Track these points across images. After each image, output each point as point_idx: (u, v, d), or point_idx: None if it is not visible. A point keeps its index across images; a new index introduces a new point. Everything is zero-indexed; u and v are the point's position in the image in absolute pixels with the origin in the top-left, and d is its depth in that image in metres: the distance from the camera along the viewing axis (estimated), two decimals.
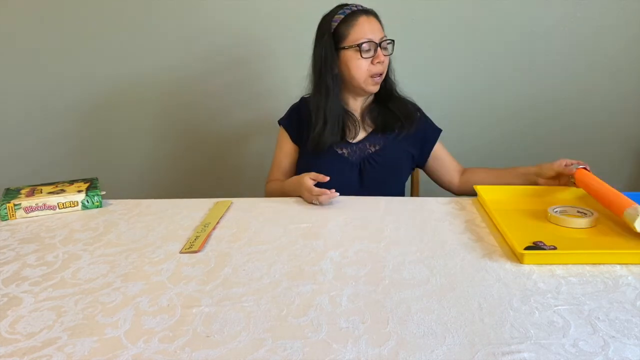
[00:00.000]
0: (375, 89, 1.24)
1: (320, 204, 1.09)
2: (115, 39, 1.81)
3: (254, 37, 1.80)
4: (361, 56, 1.19)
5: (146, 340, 0.62)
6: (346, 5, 1.23)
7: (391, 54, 1.24)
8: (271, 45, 1.80)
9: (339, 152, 1.27)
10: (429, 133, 1.33)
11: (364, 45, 1.18)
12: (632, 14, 1.69)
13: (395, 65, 1.30)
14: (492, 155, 1.87)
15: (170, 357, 0.59)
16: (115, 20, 1.79)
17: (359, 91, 1.26)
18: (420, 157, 1.33)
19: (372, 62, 1.20)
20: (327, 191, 1.07)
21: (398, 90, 1.31)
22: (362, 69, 1.20)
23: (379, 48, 1.19)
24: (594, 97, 1.80)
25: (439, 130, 1.34)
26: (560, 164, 1.09)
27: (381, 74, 1.22)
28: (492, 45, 1.76)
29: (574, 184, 1.06)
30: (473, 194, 1.15)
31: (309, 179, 1.11)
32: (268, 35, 1.79)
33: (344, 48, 1.20)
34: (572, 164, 1.07)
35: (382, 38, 1.20)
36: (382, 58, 1.19)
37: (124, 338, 0.62)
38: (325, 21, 1.24)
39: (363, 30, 1.19)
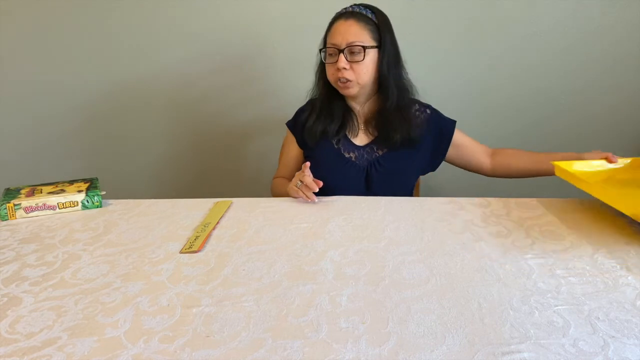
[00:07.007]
0: (346, 92, 1.20)
1: (303, 196, 1.11)
2: (116, 39, 1.81)
3: (255, 37, 1.80)
4: (325, 60, 1.19)
5: (146, 340, 0.62)
6: (347, 7, 1.22)
7: (362, 60, 1.14)
8: (272, 45, 1.80)
9: (346, 155, 1.24)
10: (445, 129, 1.28)
11: (327, 49, 1.18)
12: (632, 14, 1.69)
13: None
14: None
15: (170, 357, 0.59)
16: (116, 20, 1.79)
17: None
18: (437, 153, 1.29)
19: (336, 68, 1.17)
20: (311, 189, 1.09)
21: (406, 99, 1.23)
22: (329, 73, 1.20)
23: (341, 54, 1.14)
24: (593, 96, 1.80)
25: (454, 122, 1.29)
26: (606, 156, 1.10)
27: (348, 80, 1.16)
28: (492, 45, 1.76)
29: None
30: (507, 175, 1.26)
31: (306, 176, 1.11)
32: (269, 35, 1.79)
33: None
34: (613, 158, 1.09)
35: (350, 43, 1.13)
36: (340, 64, 1.14)
37: (124, 338, 0.62)
38: None
39: (332, 35, 1.17)
